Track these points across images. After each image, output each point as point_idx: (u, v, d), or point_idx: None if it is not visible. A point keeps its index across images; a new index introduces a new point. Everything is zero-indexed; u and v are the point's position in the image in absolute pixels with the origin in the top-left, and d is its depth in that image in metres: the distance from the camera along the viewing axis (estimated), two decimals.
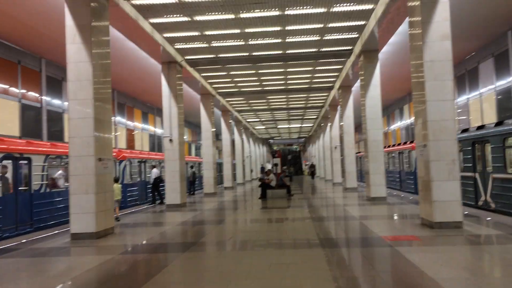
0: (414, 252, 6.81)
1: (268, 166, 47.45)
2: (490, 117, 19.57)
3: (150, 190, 19.00)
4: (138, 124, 30.55)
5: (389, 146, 26.87)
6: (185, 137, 41.59)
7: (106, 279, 5.95)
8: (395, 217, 11.58)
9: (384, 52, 18.76)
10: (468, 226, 9.04)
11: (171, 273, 6.11)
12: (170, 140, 16.37)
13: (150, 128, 33.02)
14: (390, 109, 38.14)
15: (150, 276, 5.88)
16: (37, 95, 18.57)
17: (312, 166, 44.92)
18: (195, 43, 15.26)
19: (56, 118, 20.02)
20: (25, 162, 12.38)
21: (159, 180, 18.30)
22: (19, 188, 12.20)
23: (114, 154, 17.29)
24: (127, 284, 5.68)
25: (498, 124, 13.63)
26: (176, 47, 15.60)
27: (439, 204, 8.96)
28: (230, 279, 5.57)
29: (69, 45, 9.76)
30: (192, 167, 25.57)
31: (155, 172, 18.53)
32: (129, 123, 29.02)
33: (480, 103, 20.98)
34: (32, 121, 18.22)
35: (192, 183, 24.51)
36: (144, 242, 8.95)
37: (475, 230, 8.69)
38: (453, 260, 6.29)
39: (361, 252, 7.06)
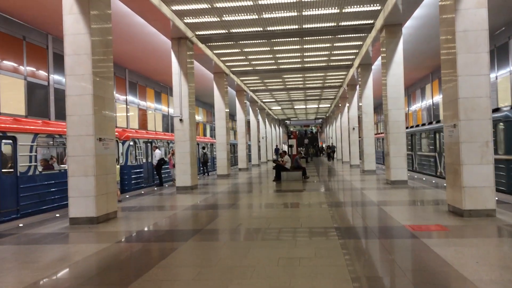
0: (443, 246, 5.99)
1: (284, 148, 46.67)
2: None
3: (155, 172, 18.40)
4: (150, 104, 29.93)
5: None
6: (199, 118, 41.04)
7: (93, 273, 5.31)
8: (419, 203, 10.73)
9: (407, 27, 17.62)
10: (501, 214, 8.18)
11: (167, 267, 5.43)
12: (181, 120, 15.72)
13: (164, 108, 32.39)
14: (411, 89, 36.78)
15: (143, 271, 5.21)
16: (44, 73, 18.00)
17: (330, 147, 41.57)
18: (206, 17, 14.40)
19: (64, 97, 19.43)
20: (10, 141, 11.17)
21: (162, 162, 17.75)
22: (3, 171, 10.94)
23: (117, 134, 16.67)
24: (115, 280, 5.03)
25: None
26: (185, 21, 14.76)
27: (470, 190, 8.10)
28: (232, 277, 4.86)
29: (65, 16, 9.06)
30: (204, 148, 24.95)
31: (158, 153, 17.95)
32: (142, 102, 28.41)
33: (510, 82, 19.71)
34: (39, 100, 17.69)
35: (204, 164, 23.97)
36: (145, 228, 8.31)
37: (510, 219, 7.81)
38: (490, 256, 5.47)
39: (383, 244, 6.27)
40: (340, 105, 34.97)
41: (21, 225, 8.91)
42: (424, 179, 16.87)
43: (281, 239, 6.92)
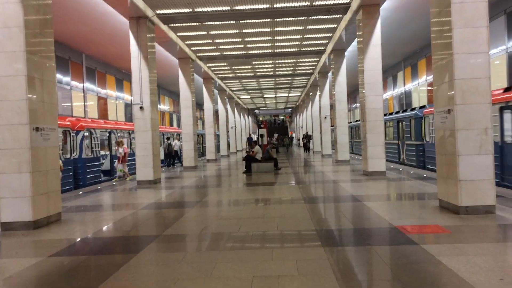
0: (451, 254, 4.94)
1: (255, 138, 45.49)
2: (500, 81, 17.71)
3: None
4: (111, 92, 28.05)
5: None
6: (166, 107, 39.29)
7: None
8: (404, 198, 9.76)
9: (382, 9, 16.62)
10: (501, 211, 7.25)
11: None
12: (141, 107, 14.29)
13: (126, 96, 30.53)
14: (382, 77, 36.16)
15: None
16: None
17: (306, 136, 35.44)
18: None
19: None
20: None
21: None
22: None
23: (69, 123, 15.07)
24: None
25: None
26: None
27: (467, 184, 7.13)
28: None
29: None
30: (168, 138, 23.53)
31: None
32: (101, 90, 26.53)
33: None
34: None
35: (168, 155, 22.66)
36: (91, 235, 6.94)
37: None
38: (511, 268, 4.46)
39: (378, 253, 5.17)
40: (311, 93, 34.01)
41: None
42: (401, 169, 16.06)
43: (254, 247, 5.73)
